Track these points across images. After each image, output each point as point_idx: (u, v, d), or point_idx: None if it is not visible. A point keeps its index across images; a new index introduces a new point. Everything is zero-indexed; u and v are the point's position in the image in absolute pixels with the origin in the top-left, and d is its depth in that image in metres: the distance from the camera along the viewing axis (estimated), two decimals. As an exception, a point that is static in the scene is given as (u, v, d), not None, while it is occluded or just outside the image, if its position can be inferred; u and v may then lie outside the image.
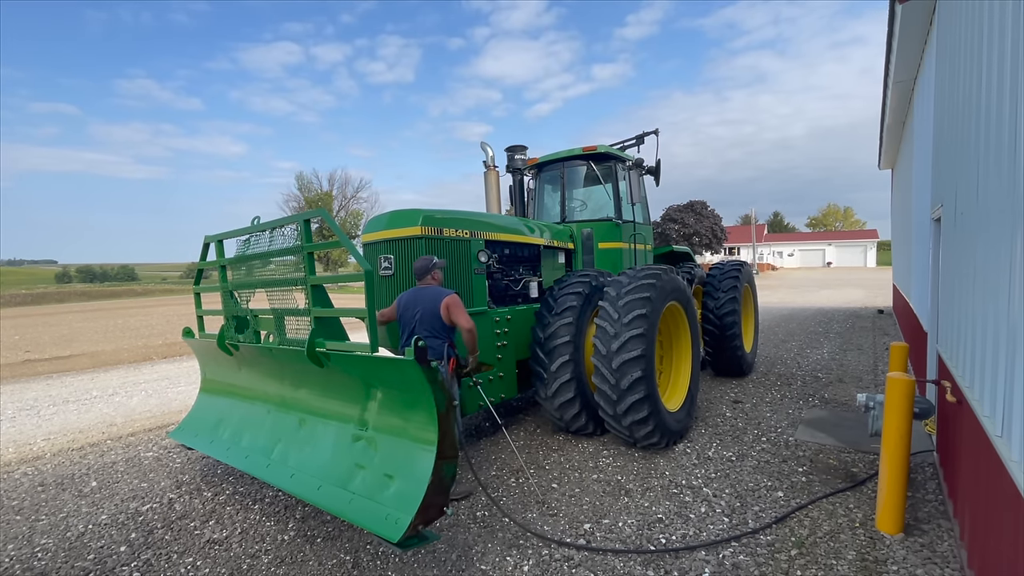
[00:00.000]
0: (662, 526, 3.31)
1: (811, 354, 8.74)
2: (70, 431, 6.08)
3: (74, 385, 8.82)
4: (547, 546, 3.11)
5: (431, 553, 3.06)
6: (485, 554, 3.04)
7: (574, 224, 6.13)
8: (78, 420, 6.56)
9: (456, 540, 3.20)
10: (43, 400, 7.74)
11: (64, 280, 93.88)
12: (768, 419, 5.34)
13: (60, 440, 5.75)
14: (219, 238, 4.06)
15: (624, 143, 6.95)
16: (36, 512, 3.91)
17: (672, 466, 4.22)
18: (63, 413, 6.93)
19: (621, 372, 4.14)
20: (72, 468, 4.83)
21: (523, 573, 2.85)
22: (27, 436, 5.95)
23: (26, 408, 7.29)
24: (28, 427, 6.33)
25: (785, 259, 66.57)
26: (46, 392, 8.33)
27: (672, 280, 4.76)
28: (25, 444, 5.66)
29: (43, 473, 4.74)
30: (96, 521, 3.70)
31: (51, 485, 4.43)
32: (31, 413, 6.99)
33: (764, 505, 3.53)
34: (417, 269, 3.81)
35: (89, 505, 3.98)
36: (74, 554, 3.26)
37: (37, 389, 8.60)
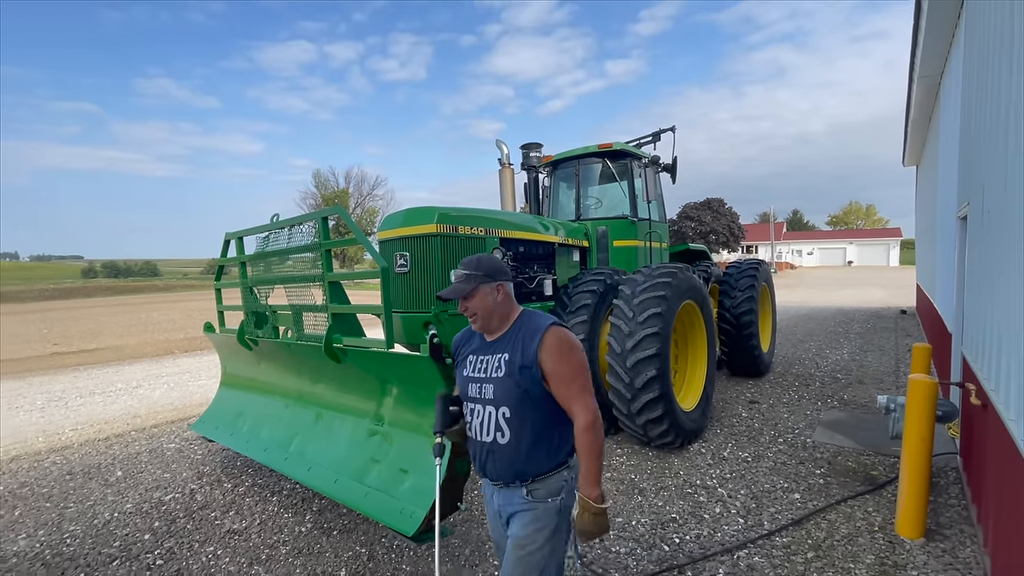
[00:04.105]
0: (676, 526, 3.29)
1: (830, 354, 8.59)
2: (96, 422, 6.27)
3: (100, 377, 9.08)
4: (560, 543, 3.12)
5: (445, 548, 3.09)
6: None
7: (589, 222, 6.10)
8: (104, 411, 6.75)
9: (470, 535, 3.23)
10: (70, 392, 7.99)
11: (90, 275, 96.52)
12: (785, 420, 5.28)
13: (87, 430, 5.93)
14: (239, 235, 4.14)
15: (640, 140, 6.89)
16: (65, 500, 4.04)
17: (687, 466, 4.20)
18: (89, 404, 7.14)
19: (635, 371, 4.12)
20: (98, 458, 4.98)
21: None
22: (56, 426, 6.14)
23: (55, 399, 7.52)
24: (57, 417, 6.53)
25: (804, 258, 65.45)
26: (73, 384, 8.58)
27: (688, 279, 4.72)
28: (54, 434, 5.84)
29: (71, 462, 4.89)
30: (121, 509, 3.81)
31: (79, 474, 4.58)
32: (59, 404, 7.22)
33: (780, 507, 3.49)
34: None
35: (115, 494, 4.10)
36: (101, 541, 3.37)
37: (65, 381, 8.86)
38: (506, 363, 1.71)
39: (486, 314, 1.76)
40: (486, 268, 1.76)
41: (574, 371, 1.68)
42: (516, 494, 1.75)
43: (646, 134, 6.83)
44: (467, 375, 1.83)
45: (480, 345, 1.84)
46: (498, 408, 1.72)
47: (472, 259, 1.81)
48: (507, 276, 1.80)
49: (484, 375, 1.76)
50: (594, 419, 1.65)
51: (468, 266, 1.77)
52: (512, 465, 1.72)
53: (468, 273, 1.75)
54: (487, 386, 1.75)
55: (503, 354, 1.73)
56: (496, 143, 6.38)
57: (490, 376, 1.74)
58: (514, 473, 1.73)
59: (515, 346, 1.71)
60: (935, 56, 6.10)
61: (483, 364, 1.78)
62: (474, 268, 1.76)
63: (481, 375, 1.77)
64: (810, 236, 72.63)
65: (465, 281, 1.74)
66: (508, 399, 1.70)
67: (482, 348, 1.82)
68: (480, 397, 1.77)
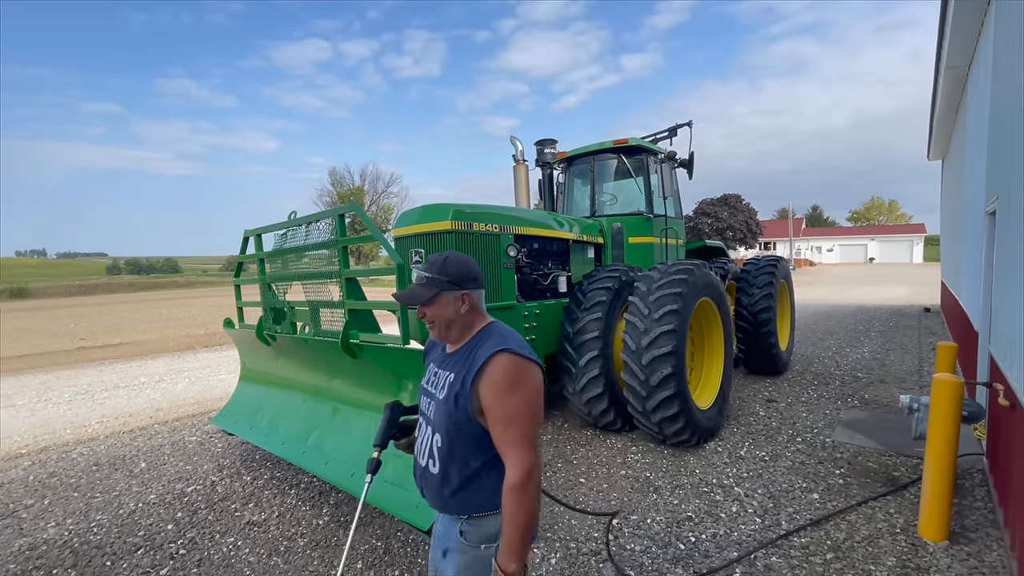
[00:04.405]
0: (691, 524, 3.27)
1: (850, 353, 8.43)
2: (121, 415, 6.43)
3: (124, 371, 9.31)
4: (574, 540, 3.12)
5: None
6: (513, 545, 3.07)
7: (604, 218, 6.07)
8: (128, 404, 6.93)
9: (484, 530, 3.25)
10: (96, 385, 8.21)
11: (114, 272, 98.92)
12: (804, 419, 5.19)
13: (112, 423, 6.09)
14: (258, 232, 4.20)
15: (656, 135, 6.82)
16: (91, 490, 4.16)
17: (702, 464, 4.16)
18: (114, 398, 7.33)
19: (651, 368, 4.10)
20: (123, 449, 5.12)
21: (551, 566, 2.88)
22: (82, 418, 6.32)
23: (81, 392, 7.74)
24: (83, 410, 6.72)
25: (824, 254, 64.22)
26: (99, 377, 8.82)
27: (705, 275, 4.67)
28: (81, 426, 6.01)
29: (97, 453, 5.03)
30: (145, 500, 3.91)
31: (104, 465, 4.70)
32: (86, 397, 7.42)
33: (798, 507, 3.44)
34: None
35: (139, 485, 4.21)
36: (126, 530, 3.46)
37: (91, 375, 9.11)
38: (449, 385, 1.48)
39: (444, 324, 1.53)
40: (452, 273, 1.50)
41: (512, 413, 1.37)
42: (452, 527, 1.53)
43: (662, 129, 6.75)
44: (423, 385, 1.64)
45: (441, 355, 1.61)
46: (434, 433, 1.51)
47: (439, 259, 1.53)
48: (476, 284, 1.54)
49: (433, 390, 1.55)
50: (525, 479, 1.34)
51: (432, 268, 1.51)
52: (438, 498, 1.53)
53: (430, 277, 1.50)
54: (432, 404, 1.54)
55: (451, 373, 1.50)
56: (510, 140, 6.38)
57: (436, 394, 1.53)
58: (442, 506, 1.54)
59: (461, 367, 1.47)
60: (963, 46, 5.92)
61: (436, 378, 1.56)
62: (438, 271, 1.50)
63: (431, 390, 1.56)
64: (830, 232, 71.21)
65: (426, 286, 1.50)
66: (442, 426, 1.48)
67: (441, 359, 1.59)
68: (426, 414, 1.57)
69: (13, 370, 9.89)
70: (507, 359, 1.41)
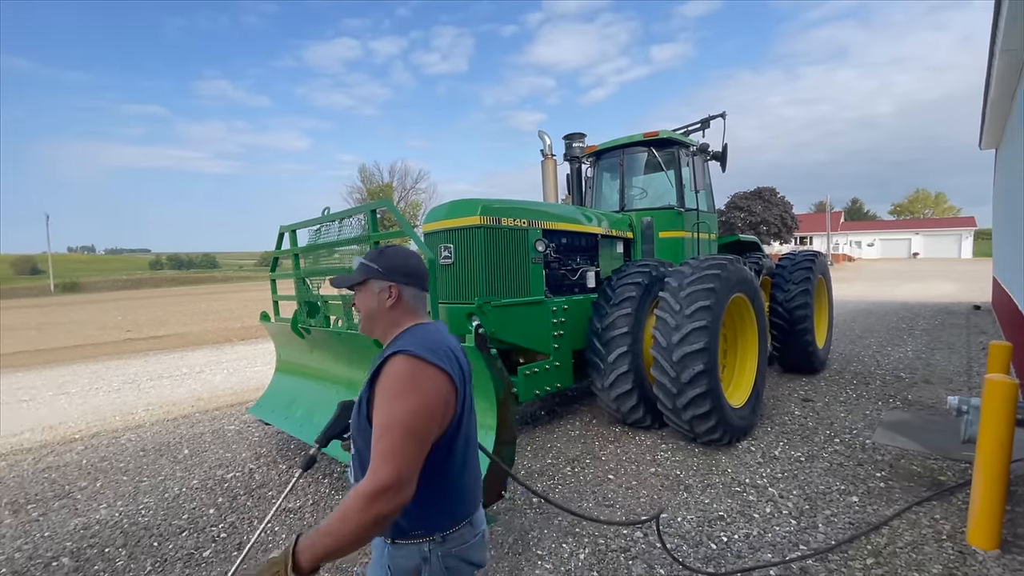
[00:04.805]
0: (723, 524, 3.21)
1: (892, 352, 8.09)
2: (165, 403, 6.73)
3: (167, 362, 9.73)
4: (603, 535, 3.11)
5: (489, 535, 3.14)
6: (541, 539, 3.08)
7: (633, 213, 5.98)
8: (171, 394, 7.25)
9: (513, 524, 3.27)
10: (142, 375, 8.61)
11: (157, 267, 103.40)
12: (842, 419, 5.02)
13: (157, 411, 6.38)
14: (293, 228, 4.31)
15: (688, 127, 6.68)
16: (139, 474, 4.37)
17: (735, 463, 4.08)
18: (159, 387, 7.67)
19: (682, 365, 4.03)
20: (167, 436, 5.36)
21: (579, 561, 2.87)
22: (130, 406, 6.64)
23: (129, 381, 8.14)
24: (130, 398, 7.06)
25: (864, 249, 61.74)
26: (144, 368, 9.25)
27: (738, 270, 4.56)
28: (128, 413, 6.32)
29: (144, 440, 5.28)
30: (189, 485, 4.09)
31: (151, 451, 4.94)
32: (133, 386, 7.80)
33: (836, 510, 3.33)
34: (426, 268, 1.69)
35: (183, 471, 4.40)
36: (171, 513, 3.63)
37: (137, 365, 9.56)
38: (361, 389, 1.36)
39: (366, 315, 1.44)
40: (385, 262, 1.42)
41: (390, 421, 1.20)
42: (382, 553, 1.39)
43: (694, 121, 6.61)
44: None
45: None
46: (353, 442, 1.42)
47: (378, 248, 1.48)
48: (409, 279, 1.43)
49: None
50: (370, 498, 1.14)
51: (370, 255, 1.46)
52: None
53: (363, 263, 1.44)
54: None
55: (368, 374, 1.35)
56: (539, 134, 6.35)
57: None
58: None
59: (370, 369, 1.34)
60: (1021, 27, 5.57)
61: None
62: (372, 259, 1.43)
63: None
64: (871, 226, 68.34)
65: (357, 270, 1.44)
66: (354, 434, 1.39)
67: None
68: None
69: (68, 359, 10.47)
70: (402, 361, 1.26)
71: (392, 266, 1.41)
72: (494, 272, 4.27)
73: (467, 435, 1.42)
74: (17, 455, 5.03)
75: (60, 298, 36.59)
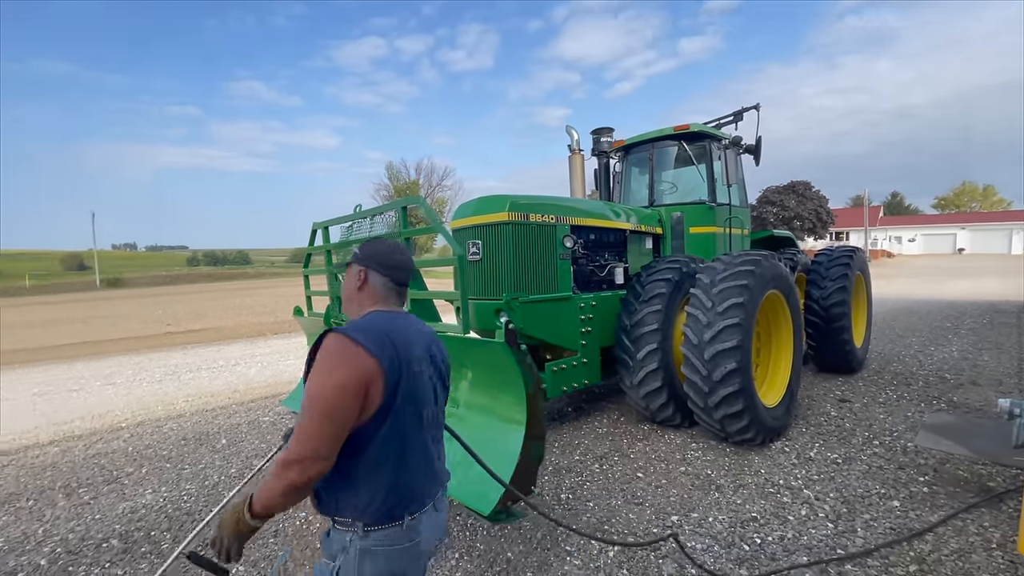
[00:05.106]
0: (756, 525, 3.14)
1: (936, 352, 7.75)
2: (204, 394, 6.99)
3: (204, 355, 10.09)
4: (632, 534, 3.08)
5: (517, 530, 3.16)
6: (570, 536, 3.07)
7: (663, 208, 5.88)
8: (209, 385, 7.52)
9: (541, 520, 3.27)
10: (182, 367, 8.96)
11: (193, 263, 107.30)
12: (881, 421, 4.84)
13: (196, 402, 6.63)
14: (325, 224, 4.40)
15: (720, 120, 6.52)
16: (181, 462, 4.55)
17: (768, 464, 3.98)
18: (197, 379, 7.97)
19: (714, 363, 3.95)
20: (207, 426, 5.56)
21: (608, 558, 2.86)
22: (171, 397, 6.92)
23: (169, 373, 8.48)
24: (171, 389, 7.36)
25: (904, 245, 59.23)
26: (183, 360, 9.61)
27: (773, 266, 4.44)
28: (170, 403, 6.59)
29: (184, 429, 5.50)
30: (227, 473, 4.23)
31: (191, 440, 5.13)
32: (173, 378, 8.12)
33: (876, 514, 3.22)
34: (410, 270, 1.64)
35: (221, 459, 4.57)
36: (212, 500, 3.77)
37: (177, 357, 9.95)
38: None
39: (344, 297, 1.58)
40: (367, 250, 1.55)
41: (313, 395, 1.28)
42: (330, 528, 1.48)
43: (727, 114, 6.45)
44: None
45: None
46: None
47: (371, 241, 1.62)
48: (380, 267, 1.51)
49: None
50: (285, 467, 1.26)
51: (362, 245, 1.61)
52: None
53: (354, 250, 1.62)
54: None
55: None
56: (566, 129, 6.30)
57: None
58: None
59: None
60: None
61: None
62: (360, 247, 1.59)
63: None
64: (912, 221, 65.49)
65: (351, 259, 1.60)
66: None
67: None
68: None
69: (113, 351, 10.97)
70: (333, 339, 1.32)
71: (370, 254, 1.53)
72: (522, 268, 4.27)
73: (405, 432, 1.39)
74: (69, 441, 5.31)
75: (105, 293, 38.36)
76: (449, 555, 2.94)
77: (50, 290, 43.55)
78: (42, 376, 8.66)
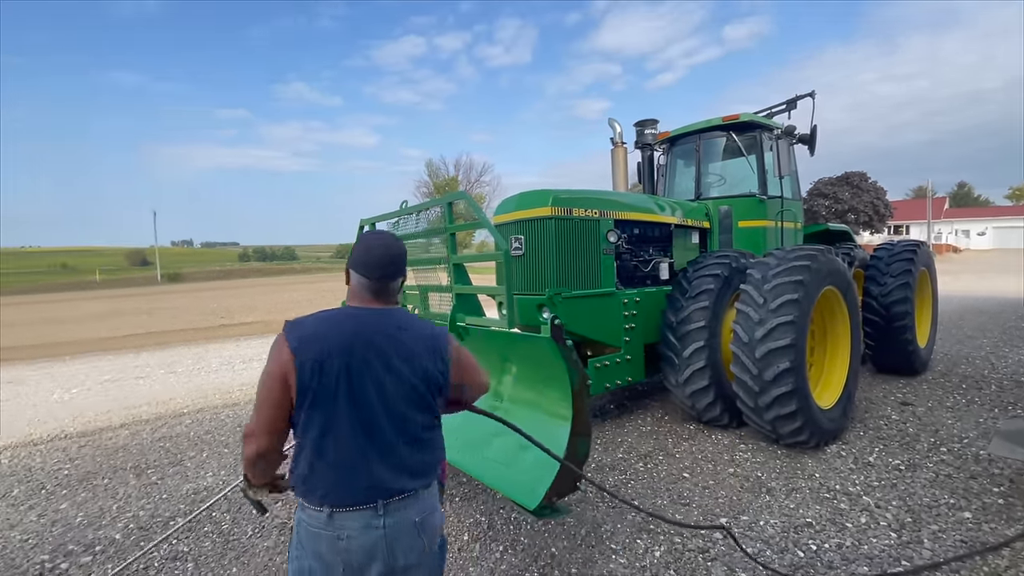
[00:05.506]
0: (812, 531, 3.02)
1: (1011, 354, 7.19)
2: (255, 384, 7.30)
3: (256, 347, 10.56)
4: (679, 535, 3.02)
5: (560, 526, 3.15)
6: (615, 534, 3.04)
7: (710, 201, 5.71)
8: (262, 375, 7.86)
9: (585, 516, 3.25)
10: (235, 358, 9.41)
11: (244, 259, 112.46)
12: (949, 427, 4.54)
13: (250, 391, 6.95)
14: (372, 221, 4.49)
15: (772, 109, 6.26)
16: (237, 448, 4.78)
17: (823, 468, 3.81)
18: (250, 369, 8.35)
19: (765, 362, 3.81)
20: (260, 414, 5.82)
21: (655, 558, 2.81)
22: (227, 386, 7.29)
23: (225, 363, 8.93)
24: (227, 378, 7.75)
25: (973, 239, 55.19)
26: (237, 351, 10.10)
27: (830, 261, 4.23)
28: (226, 392, 6.94)
29: (240, 417, 5.78)
30: (280, 460, 4.42)
31: (246, 427, 5.39)
32: (228, 368, 8.54)
33: (944, 525, 3.03)
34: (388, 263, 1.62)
35: (274, 446, 4.77)
36: (266, 485, 3.94)
37: (231, 349, 10.46)
38: None
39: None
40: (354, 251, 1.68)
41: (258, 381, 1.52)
42: None
43: (779, 103, 6.19)
44: None
45: None
46: None
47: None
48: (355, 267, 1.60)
49: None
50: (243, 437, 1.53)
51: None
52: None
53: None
54: None
55: None
56: (608, 122, 6.20)
57: None
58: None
59: None
60: None
61: None
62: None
63: None
64: (982, 213, 60.88)
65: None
66: None
67: None
68: None
69: (174, 342, 11.66)
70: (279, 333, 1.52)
71: (352, 253, 1.64)
72: (564, 263, 4.23)
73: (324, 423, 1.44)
74: (137, 425, 5.68)
75: (166, 287, 40.76)
76: (493, 547, 2.97)
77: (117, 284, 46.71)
78: (112, 365, 9.30)
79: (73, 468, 4.47)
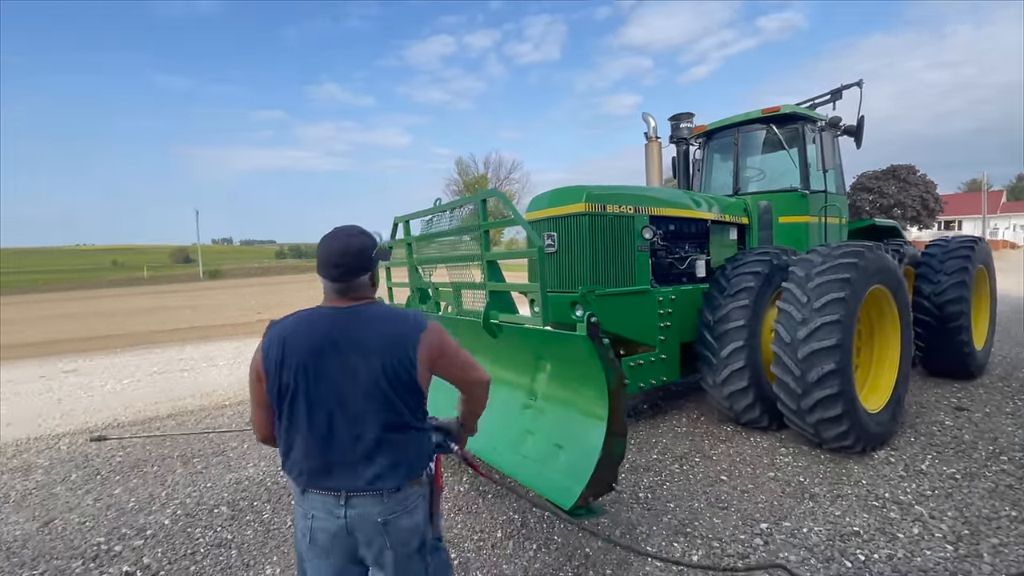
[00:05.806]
0: (860, 541, 2.89)
1: (1077, 358, 6.72)
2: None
3: (294, 341, 10.86)
4: (717, 539, 2.94)
5: (595, 525, 3.11)
6: (650, 536, 2.99)
7: (748, 196, 5.53)
8: (298, 370, 8.07)
9: (620, 517, 3.21)
10: (274, 352, 9.70)
11: (281, 257, 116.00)
12: (1009, 434, 4.28)
13: (288, 384, 7.15)
14: (406, 218, 4.53)
15: (815, 100, 6.02)
16: (277, 439, 4.93)
17: (870, 475, 3.64)
18: (288, 363, 8.59)
19: (809, 363, 3.66)
20: (297, 408, 5.98)
21: (692, 563, 2.74)
22: (266, 379, 7.52)
23: (264, 357, 9.21)
24: (266, 372, 7.99)
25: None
26: (276, 346, 10.40)
27: (879, 258, 4.03)
28: (265, 385, 7.16)
29: (279, 409, 5.95)
30: (317, 452, 4.52)
31: (285, 419, 5.54)
32: (267, 361, 8.81)
33: (1007, 539, 2.85)
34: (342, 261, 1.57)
35: (311, 439, 4.89)
36: (304, 476, 4.04)
37: (270, 343, 10.79)
38: None
39: None
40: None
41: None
42: None
43: (823, 93, 5.94)
44: None
45: None
46: None
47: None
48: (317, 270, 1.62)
49: None
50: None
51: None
52: None
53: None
54: None
55: None
56: (642, 116, 6.08)
57: None
58: None
59: None
60: None
61: None
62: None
63: None
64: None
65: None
66: None
67: None
68: None
69: (215, 336, 12.12)
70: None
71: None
72: (598, 260, 4.17)
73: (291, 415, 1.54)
74: (183, 415, 5.92)
75: (207, 283, 42.44)
76: (527, 546, 2.96)
77: (163, 280, 48.94)
78: (159, 357, 9.73)
79: (125, 456, 4.69)
